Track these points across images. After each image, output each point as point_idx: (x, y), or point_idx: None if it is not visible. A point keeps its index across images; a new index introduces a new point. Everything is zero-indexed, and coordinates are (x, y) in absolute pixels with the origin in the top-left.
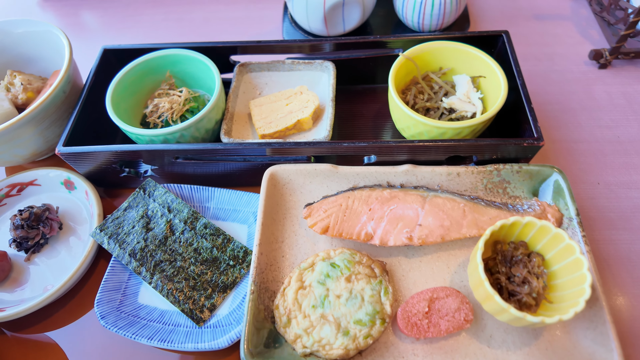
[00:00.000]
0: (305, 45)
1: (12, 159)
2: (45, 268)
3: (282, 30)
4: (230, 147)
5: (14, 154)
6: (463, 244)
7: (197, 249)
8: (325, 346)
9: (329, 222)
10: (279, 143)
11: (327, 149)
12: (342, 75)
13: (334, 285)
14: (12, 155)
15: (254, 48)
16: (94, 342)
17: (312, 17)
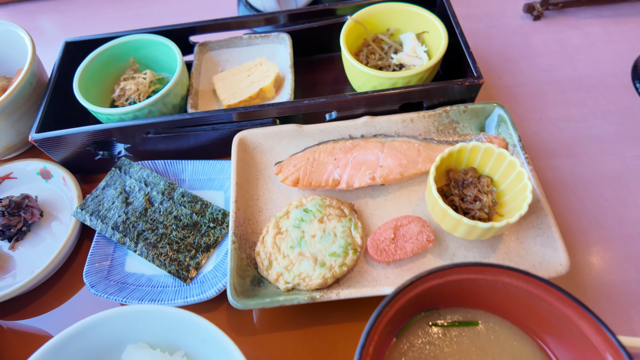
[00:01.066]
0: (260, 19)
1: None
2: (31, 254)
3: (238, 14)
4: (198, 115)
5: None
6: (422, 180)
7: (177, 216)
8: (305, 278)
9: (298, 174)
10: (244, 108)
11: (290, 108)
12: (299, 47)
13: (308, 227)
14: None
15: (211, 26)
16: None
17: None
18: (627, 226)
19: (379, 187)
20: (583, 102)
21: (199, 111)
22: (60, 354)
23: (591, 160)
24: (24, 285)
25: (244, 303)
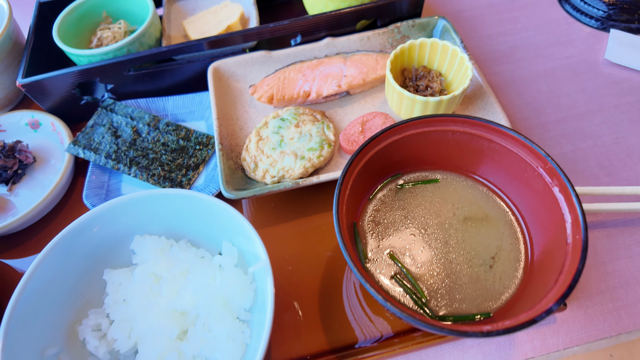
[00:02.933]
0: None
1: None
2: (29, 194)
3: None
4: (173, 47)
5: None
6: (382, 88)
7: (164, 143)
8: (289, 171)
9: (272, 92)
10: (215, 36)
11: (256, 33)
12: None
13: (286, 132)
14: None
15: None
16: None
17: None
18: (561, 111)
19: (346, 97)
20: (517, 19)
21: (174, 44)
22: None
23: (528, 63)
24: (25, 215)
25: (236, 194)
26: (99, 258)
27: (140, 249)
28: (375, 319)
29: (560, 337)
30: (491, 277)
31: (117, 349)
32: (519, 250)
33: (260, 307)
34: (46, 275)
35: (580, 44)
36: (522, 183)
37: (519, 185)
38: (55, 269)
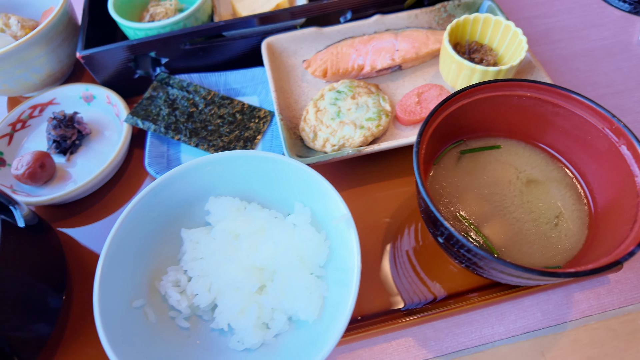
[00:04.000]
0: None
1: (31, 79)
2: (86, 164)
3: None
4: (230, 22)
5: (32, 73)
6: (432, 62)
7: (221, 115)
8: (349, 139)
9: (326, 66)
10: (269, 12)
11: (307, 9)
12: None
13: (343, 103)
14: (31, 75)
15: None
16: None
17: None
18: (600, 89)
19: (397, 71)
20: (551, 3)
21: (230, 19)
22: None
23: (564, 44)
24: (87, 183)
25: (301, 160)
26: (173, 218)
27: (215, 209)
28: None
29: (615, 296)
30: (557, 234)
31: (197, 303)
32: (581, 210)
33: (336, 263)
34: (128, 232)
35: (614, 27)
36: (585, 145)
37: (581, 147)
38: (136, 226)
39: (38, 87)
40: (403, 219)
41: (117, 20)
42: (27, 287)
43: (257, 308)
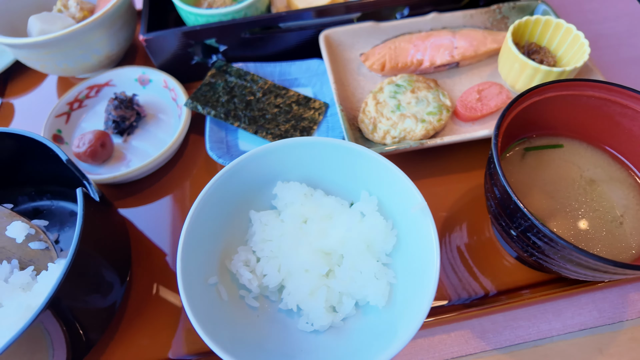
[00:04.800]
0: None
1: (90, 60)
2: (143, 145)
3: None
4: (290, 13)
5: (92, 54)
6: (487, 62)
7: (277, 105)
8: (410, 132)
9: (384, 60)
10: (326, 6)
11: (368, 4)
12: None
13: (403, 97)
14: (91, 56)
15: None
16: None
17: None
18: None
19: (454, 68)
20: (597, 10)
21: (287, 10)
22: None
23: (613, 51)
24: (148, 163)
25: None
26: (242, 200)
27: (284, 194)
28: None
29: None
30: (622, 233)
31: (266, 283)
32: None
33: (403, 251)
34: (205, 212)
35: None
36: None
37: None
38: (211, 206)
39: (95, 68)
40: (456, 214)
41: (178, 5)
42: (101, 261)
43: (325, 291)
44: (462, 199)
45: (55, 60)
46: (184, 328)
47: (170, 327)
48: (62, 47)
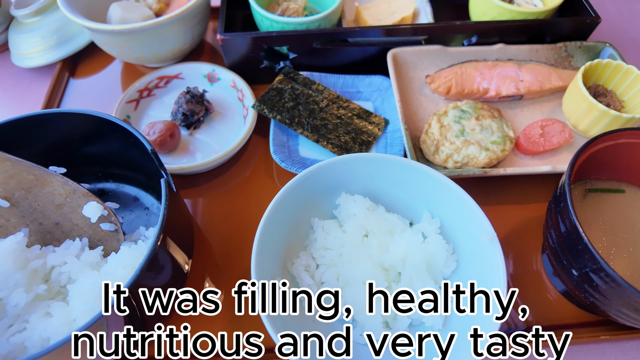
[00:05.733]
0: None
1: (164, 51)
2: (208, 140)
3: None
4: (361, 30)
5: (167, 46)
6: (549, 97)
7: (339, 116)
8: (473, 159)
9: (450, 84)
10: (395, 25)
11: (432, 28)
12: None
13: (467, 123)
14: (166, 48)
15: None
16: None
17: None
18: None
19: (516, 100)
20: None
21: (358, 25)
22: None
23: None
24: (216, 159)
25: None
26: (307, 206)
27: (347, 205)
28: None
29: None
30: None
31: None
32: None
33: (461, 276)
34: (276, 215)
35: None
36: None
37: None
38: (281, 210)
39: (167, 59)
40: (505, 244)
41: (256, 9)
42: (172, 252)
43: (382, 306)
44: (514, 230)
45: (132, 48)
46: (234, 322)
47: (223, 319)
48: (142, 36)
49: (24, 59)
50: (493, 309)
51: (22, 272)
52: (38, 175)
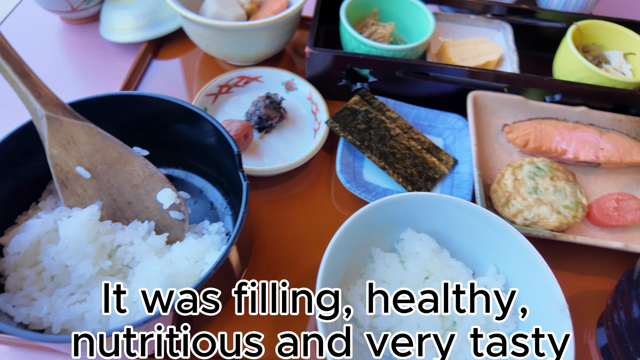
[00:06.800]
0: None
1: (251, 53)
2: (277, 145)
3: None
4: (448, 66)
5: (254, 49)
6: (625, 172)
7: (408, 147)
8: (543, 219)
9: (528, 138)
10: (479, 68)
11: (516, 78)
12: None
13: (541, 181)
14: (253, 50)
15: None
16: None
17: None
18: None
19: (592, 167)
20: None
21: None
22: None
23: None
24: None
25: None
26: (369, 236)
27: (413, 242)
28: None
29: None
30: None
31: (376, 324)
32: None
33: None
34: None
35: None
36: None
37: None
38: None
39: (251, 60)
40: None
41: (347, 28)
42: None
43: (434, 353)
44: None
45: (222, 44)
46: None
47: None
48: (235, 35)
49: (113, 33)
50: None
51: (92, 244)
52: (122, 153)
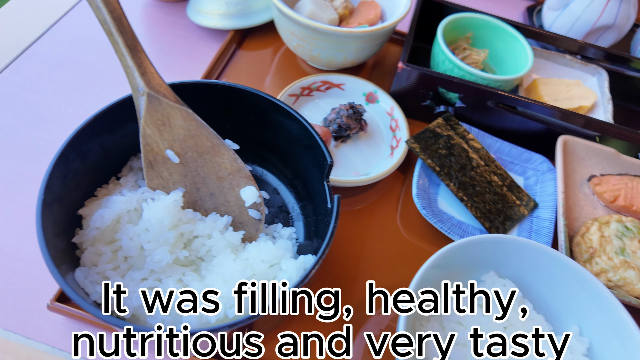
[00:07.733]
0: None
1: (339, 59)
2: (352, 157)
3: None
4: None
5: (343, 56)
6: None
7: (489, 181)
8: (629, 284)
9: (618, 194)
10: (570, 111)
11: (606, 128)
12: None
13: (629, 242)
14: (342, 57)
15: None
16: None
17: (574, 30)
18: None
19: None
20: None
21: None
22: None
23: None
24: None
25: None
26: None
27: (495, 285)
28: None
29: None
30: None
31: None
32: None
33: None
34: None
35: None
36: None
37: None
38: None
39: (337, 67)
40: None
41: (443, 48)
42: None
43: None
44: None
45: (313, 46)
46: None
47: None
48: (329, 39)
49: (201, 17)
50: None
51: (172, 232)
52: (215, 144)
